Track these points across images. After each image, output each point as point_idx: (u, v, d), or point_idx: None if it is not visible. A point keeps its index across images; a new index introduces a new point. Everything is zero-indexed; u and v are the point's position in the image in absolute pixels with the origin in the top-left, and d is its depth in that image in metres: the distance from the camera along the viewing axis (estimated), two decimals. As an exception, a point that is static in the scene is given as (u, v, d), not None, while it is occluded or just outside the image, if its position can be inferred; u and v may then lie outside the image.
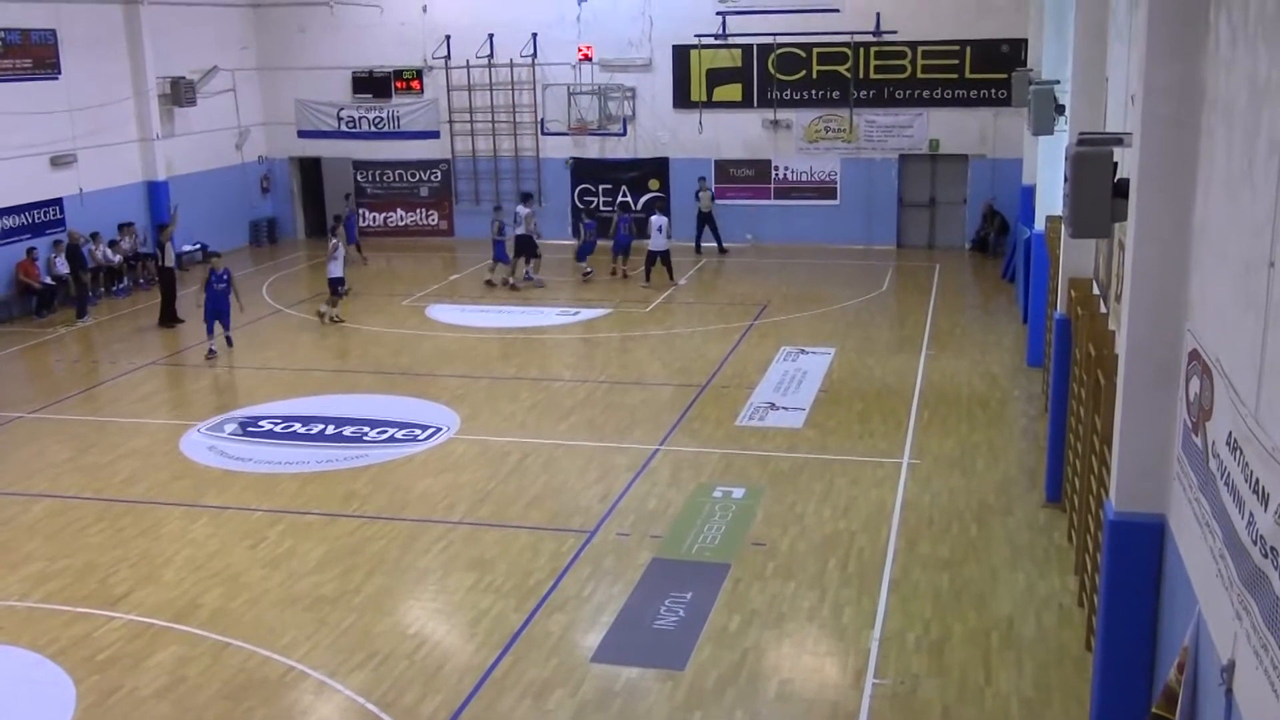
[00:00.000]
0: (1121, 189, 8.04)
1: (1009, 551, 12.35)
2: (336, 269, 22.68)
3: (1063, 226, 12.65)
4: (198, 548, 12.84)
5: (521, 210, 25.80)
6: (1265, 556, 4.93)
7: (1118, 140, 8.45)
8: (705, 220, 28.89)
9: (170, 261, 23.32)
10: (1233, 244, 5.83)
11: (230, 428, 16.81)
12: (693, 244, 29.05)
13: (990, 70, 27.99)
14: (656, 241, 25.45)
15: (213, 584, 11.97)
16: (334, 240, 23.06)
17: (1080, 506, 11.50)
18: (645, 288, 25.34)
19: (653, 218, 25.83)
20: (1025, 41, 25.22)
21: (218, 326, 20.63)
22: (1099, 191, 8.12)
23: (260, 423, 16.99)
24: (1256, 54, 5.45)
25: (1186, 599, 6.60)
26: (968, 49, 28.26)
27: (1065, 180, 8.55)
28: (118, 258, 25.96)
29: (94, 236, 25.35)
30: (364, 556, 12.51)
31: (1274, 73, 5.15)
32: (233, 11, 30.91)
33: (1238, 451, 5.49)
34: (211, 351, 20.46)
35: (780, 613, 11.12)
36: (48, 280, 24.43)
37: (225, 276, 20.69)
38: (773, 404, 17.33)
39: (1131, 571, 7.49)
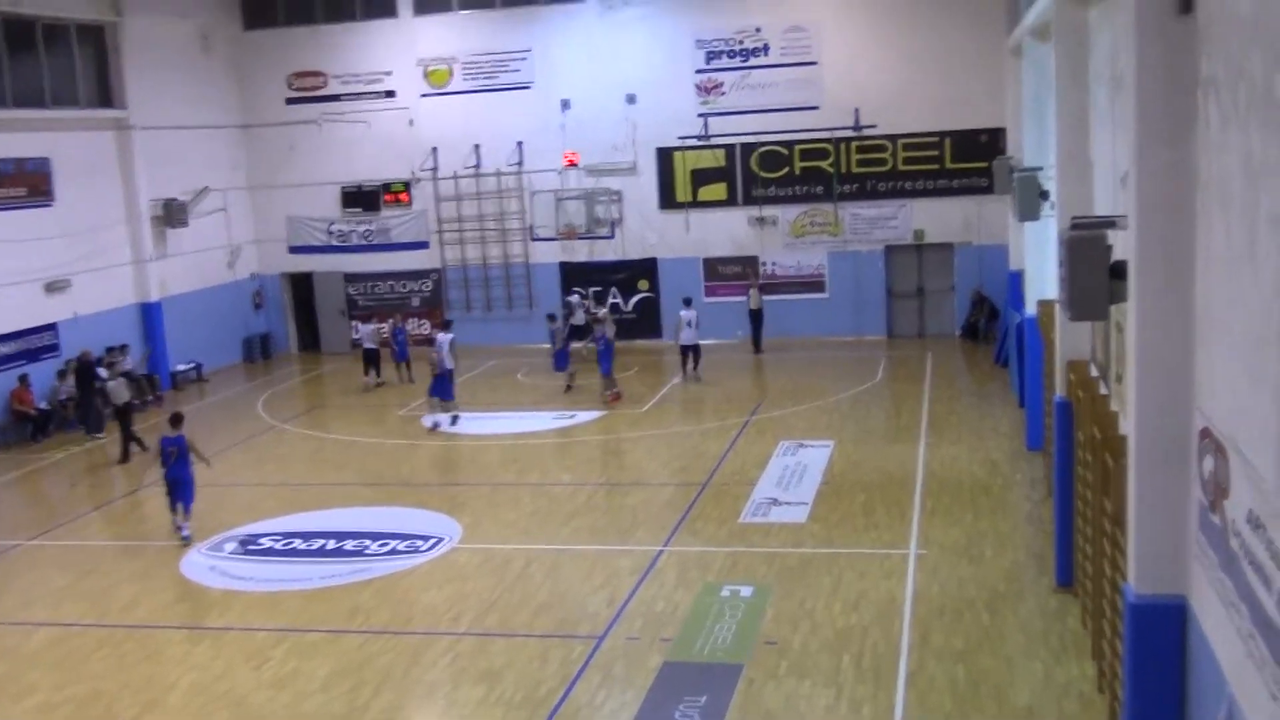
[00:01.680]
0: (1117, 271, 8.13)
1: (1024, 639, 12.20)
2: (446, 362, 23.50)
3: (1059, 310, 12.76)
4: (202, 671, 12.63)
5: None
6: (1299, 635, 4.88)
7: (1110, 223, 8.56)
8: (756, 318, 29.00)
9: (121, 400, 22.25)
10: (1239, 322, 5.87)
11: (230, 546, 16.65)
12: (750, 341, 29.12)
13: (970, 159, 28.43)
14: (686, 335, 25.64)
15: (218, 707, 11.74)
16: (438, 338, 24.16)
17: (1094, 590, 11.39)
18: (684, 382, 25.69)
19: (683, 312, 26.04)
20: (1003, 130, 25.67)
21: (180, 507, 17.08)
22: (1096, 275, 8.21)
23: (260, 540, 16.84)
24: (1249, 134, 5.55)
25: (1215, 681, 6.52)
26: (947, 139, 28.74)
27: (1060, 265, 8.64)
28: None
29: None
30: (371, 672, 12.31)
31: (1269, 151, 5.24)
32: (222, 133, 31.35)
33: (1260, 529, 5.46)
34: (179, 528, 17.06)
35: (798, 712, 10.93)
36: (43, 406, 24.37)
37: (179, 442, 17.09)
38: (775, 499, 17.25)
39: (1156, 655, 7.40)
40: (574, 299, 29.45)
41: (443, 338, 24.37)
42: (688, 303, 26.74)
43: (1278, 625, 5.20)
